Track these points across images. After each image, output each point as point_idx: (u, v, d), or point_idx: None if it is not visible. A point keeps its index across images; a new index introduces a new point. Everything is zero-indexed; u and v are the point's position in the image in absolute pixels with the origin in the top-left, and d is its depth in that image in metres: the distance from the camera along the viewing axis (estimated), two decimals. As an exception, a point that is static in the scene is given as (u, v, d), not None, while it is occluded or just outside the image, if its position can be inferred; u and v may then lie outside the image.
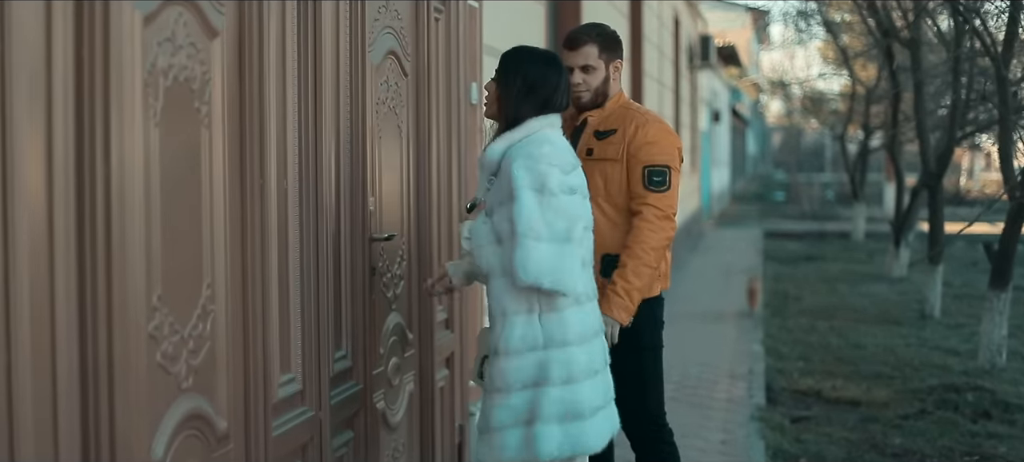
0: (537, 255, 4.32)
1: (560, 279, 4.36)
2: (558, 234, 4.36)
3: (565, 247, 4.38)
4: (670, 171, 5.28)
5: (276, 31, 4.08)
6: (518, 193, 4.35)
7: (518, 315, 4.45)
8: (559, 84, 4.66)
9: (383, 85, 5.20)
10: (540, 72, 4.63)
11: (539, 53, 4.81)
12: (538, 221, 4.32)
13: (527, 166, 4.37)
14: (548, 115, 4.62)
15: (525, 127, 4.56)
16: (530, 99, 4.59)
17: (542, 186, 4.35)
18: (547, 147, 4.45)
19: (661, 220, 5.21)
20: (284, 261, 4.18)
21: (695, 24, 26.69)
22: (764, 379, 10.46)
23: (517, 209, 4.34)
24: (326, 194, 4.52)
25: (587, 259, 4.59)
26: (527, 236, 4.32)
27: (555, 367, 4.44)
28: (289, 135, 4.22)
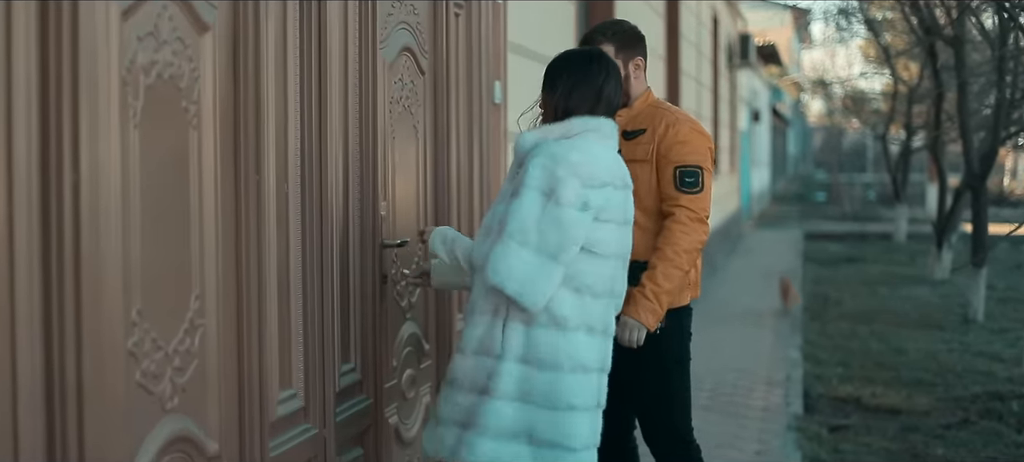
0: (515, 261, 4.03)
1: (527, 291, 4.04)
2: (546, 247, 4.05)
3: (548, 264, 4.06)
4: (702, 171, 5.02)
5: (275, 27, 3.85)
6: (523, 191, 4.07)
7: (483, 316, 4.17)
8: (606, 81, 4.35)
9: (397, 83, 4.96)
10: (584, 70, 4.34)
11: (582, 52, 4.51)
12: (532, 227, 4.04)
13: (544, 165, 4.09)
14: (597, 117, 4.30)
15: (565, 125, 4.26)
16: (575, 98, 4.30)
17: (551, 192, 4.06)
18: (577, 155, 4.12)
19: (694, 222, 4.95)
20: (284, 270, 3.94)
21: (735, 23, 26.38)
22: (802, 386, 10.17)
23: (516, 205, 4.06)
24: (332, 198, 4.29)
25: (590, 286, 4.20)
26: (512, 238, 4.04)
27: (505, 380, 4.13)
28: (291, 136, 3.98)
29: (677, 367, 5.19)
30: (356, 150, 4.52)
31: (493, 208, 4.25)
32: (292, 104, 3.99)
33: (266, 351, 3.78)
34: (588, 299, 4.19)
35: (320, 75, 4.19)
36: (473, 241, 4.32)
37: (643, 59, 5.22)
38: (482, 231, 4.24)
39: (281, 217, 3.91)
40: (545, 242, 4.04)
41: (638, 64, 5.19)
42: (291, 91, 3.98)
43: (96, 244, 2.87)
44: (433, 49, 5.42)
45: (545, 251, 4.04)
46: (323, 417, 4.19)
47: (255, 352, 3.70)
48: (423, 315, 5.27)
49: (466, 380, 4.19)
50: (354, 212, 4.50)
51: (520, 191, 4.08)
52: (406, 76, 5.06)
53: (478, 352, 4.16)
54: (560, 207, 4.05)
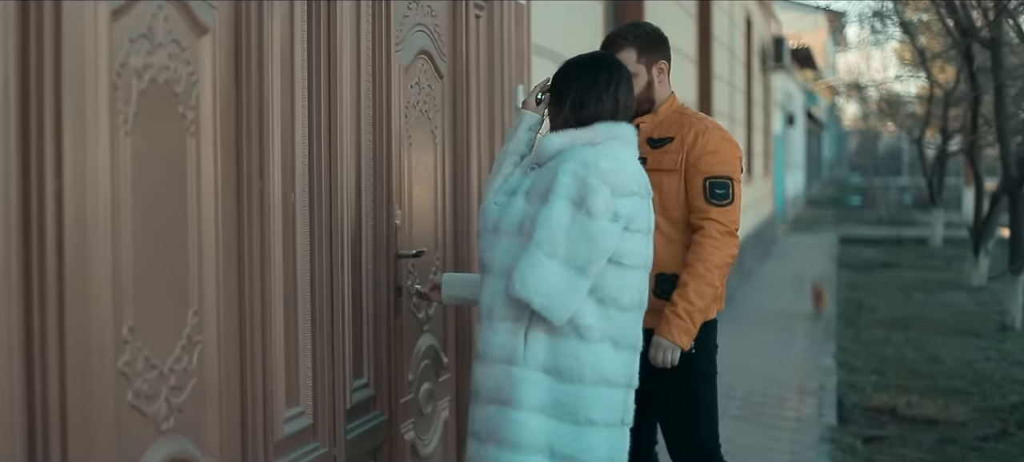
0: (543, 272, 3.84)
1: (553, 305, 3.87)
2: (575, 260, 3.87)
3: (576, 278, 3.88)
4: (733, 182, 4.84)
5: (281, 29, 3.69)
6: (553, 199, 3.89)
7: (504, 322, 3.98)
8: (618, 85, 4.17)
9: (413, 87, 4.80)
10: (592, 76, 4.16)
11: (588, 57, 4.31)
12: (560, 238, 3.86)
13: (575, 173, 3.90)
14: (619, 123, 4.14)
15: (592, 131, 4.09)
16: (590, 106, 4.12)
17: (582, 201, 3.88)
18: (607, 162, 3.95)
19: (725, 236, 4.77)
20: (291, 282, 3.78)
21: (768, 25, 26.14)
22: (835, 395, 9.95)
23: (545, 214, 3.88)
24: (344, 207, 4.12)
25: (616, 298, 4.02)
26: (541, 248, 3.85)
27: (528, 391, 3.94)
28: (298, 143, 3.82)
29: (704, 381, 5.01)
30: (369, 157, 4.36)
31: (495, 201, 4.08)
32: (299, 109, 3.83)
33: (271, 367, 3.62)
34: (614, 312, 4.01)
35: (330, 78, 4.03)
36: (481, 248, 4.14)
37: (667, 62, 5.04)
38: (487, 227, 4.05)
39: (287, 227, 3.75)
40: (574, 254, 3.86)
41: (662, 68, 5.00)
42: (298, 95, 3.82)
43: (85, 257, 2.72)
44: (452, 52, 5.25)
45: (573, 264, 3.87)
46: (333, 435, 4.02)
47: (259, 369, 3.54)
48: (441, 327, 5.10)
49: (486, 390, 4.01)
50: (367, 221, 4.34)
51: (549, 199, 3.90)
52: (423, 80, 4.90)
53: (499, 360, 3.99)
54: (591, 218, 3.87)
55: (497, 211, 4.06)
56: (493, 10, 5.69)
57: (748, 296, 16.47)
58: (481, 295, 4.08)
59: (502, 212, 4.04)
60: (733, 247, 4.78)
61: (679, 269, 4.77)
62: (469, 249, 5.31)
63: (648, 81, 4.95)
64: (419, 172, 4.85)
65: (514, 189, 4.07)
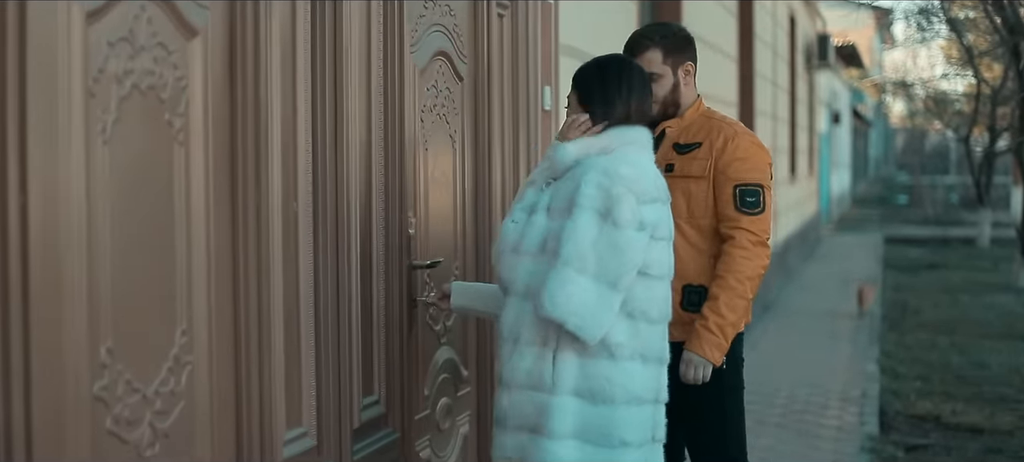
0: (573, 289, 3.64)
1: (587, 324, 3.66)
2: (606, 275, 3.67)
3: (608, 293, 3.68)
4: (763, 190, 4.63)
5: (281, 30, 3.50)
6: (578, 212, 3.69)
7: (530, 346, 3.77)
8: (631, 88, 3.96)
9: (430, 90, 4.61)
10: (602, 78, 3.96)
11: (600, 59, 4.10)
12: (589, 252, 3.66)
13: (599, 184, 3.70)
14: (632, 127, 3.93)
15: (606, 137, 3.89)
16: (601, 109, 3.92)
17: (608, 212, 3.67)
18: (628, 169, 3.75)
19: (756, 246, 4.56)
20: (292, 296, 3.59)
21: (813, 23, 25.81)
22: (878, 402, 9.69)
23: (570, 229, 3.67)
24: (352, 216, 3.93)
25: (644, 311, 3.82)
26: (569, 265, 3.65)
27: (560, 417, 3.73)
28: (300, 150, 3.63)
29: (731, 395, 4.80)
30: (380, 163, 4.17)
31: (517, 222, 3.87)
32: (302, 114, 3.64)
33: (269, 387, 3.43)
34: (643, 325, 3.81)
35: (336, 81, 3.84)
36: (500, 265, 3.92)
37: (693, 64, 4.82)
38: (507, 247, 3.85)
39: (288, 238, 3.56)
40: (604, 269, 3.66)
41: (688, 70, 4.79)
42: (301, 99, 3.63)
43: (53, 275, 2.54)
44: (472, 53, 5.06)
45: (604, 279, 3.66)
46: (338, 455, 3.83)
47: (255, 389, 3.36)
48: (461, 339, 4.90)
49: (514, 418, 3.80)
50: (378, 230, 4.15)
51: (573, 212, 3.70)
52: (441, 82, 4.71)
53: (526, 386, 3.77)
54: (618, 229, 3.67)
55: (517, 230, 3.86)
56: (517, 10, 5.49)
57: (791, 298, 16.20)
58: (503, 317, 3.85)
59: (523, 230, 3.83)
60: (764, 257, 4.57)
61: (707, 280, 4.56)
62: (489, 255, 5.10)
63: (674, 83, 4.74)
64: (436, 178, 4.66)
65: (533, 206, 3.86)
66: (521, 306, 3.77)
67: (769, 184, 4.65)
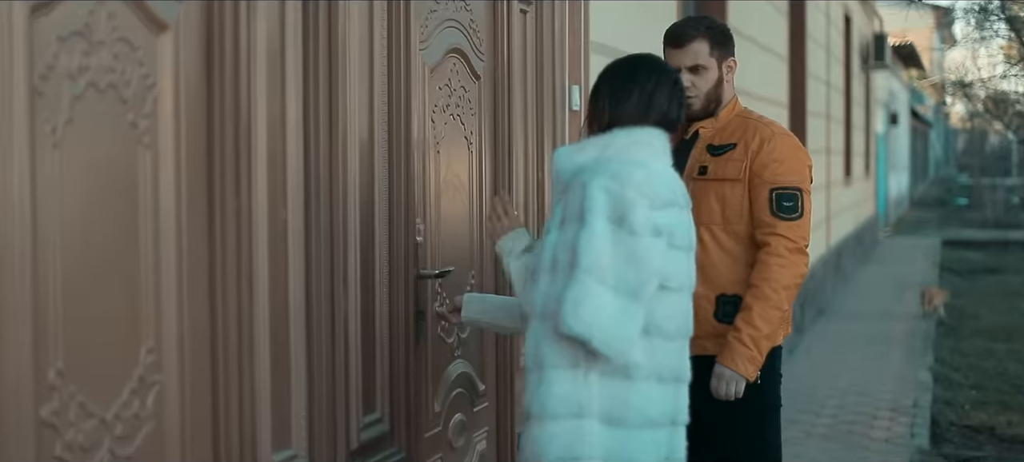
0: (597, 302, 3.34)
1: (614, 340, 3.37)
2: (626, 286, 3.37)
3: (630, 305, 3.39)
4: (802, 194, 4.35)
5: (266, 28, 3.26)
6: (589, 217, 3.39)
7: (559, 370, 3.44)
8: (656, 88, 3.66)
9: (443, 89, 4.37)
10: (626, 76, 3.69)
11: (629, 57, 3.83)
12: (607, 261, 3.36)
13: (607, 188, 3.41)
14: (643, 128, 3.62)
15: (604, 139, 3.60)
16: (615, 108, 3.65)
17: (622, 218, 3.38)
18: (640, 172, 3.46)
19: (793, 253, 4.29)
20: (280, 309, 3.35)
21: (871, 23, 25.38)
22: (930, 413, 9.36)
23: (586, 237, 3.37)
24: (350, 222, 3.70)
25: (661, 326, 3.52)
26: (589, 274, 3.35)
27: (593, 441, 3.42)
28: (290, 154, 3.39)
29: (768, 414, 4.51)
30: (384, 166, 3.94)
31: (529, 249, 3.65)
32: (292, 116, 3.40)
33: (252, 407, 3.20)
34: (659, 342, 3.51)
35: (332, 81, 3.61)
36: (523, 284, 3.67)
37: (735, 61, 4.57)
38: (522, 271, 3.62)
39: (276, 247, 3.32)
40: (624, 279, 3.37)
41: (731, 66, 4.53)
42: (291, 101, 3.40)
43: (-9, 292, 2.32)
44: (491, 50, 4.82)
45: (625, 290, 3.37)
46: (334, 478, 3.60)
47: (235, 409, 3.13)
48: (477, 352, 4.65)
49: (553, 453, 3.43)
50: (380, 238, 3.91)
51: (586, 218, 3.40)
52: (454, 80, 4.47)
53: (564, 416, 3.43)
54: (635, 236, 3.38)
55: (532, 260, 3.61)
56: (541, 7, 5.24)
57: (844, 302, 15.86)
58: (525, 347, 3.58)
59: (538, 258, 3.57)
60: (802, 266, 4.30)
61: (742, 289, 4.29)
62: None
63: (718, 78, 4.48)
64: (449, 182, 4.42)
65: (547, 228, 3.59)
66: (541, 328, 3.47)
67: (808, 188, 4.38)
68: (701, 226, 4.33)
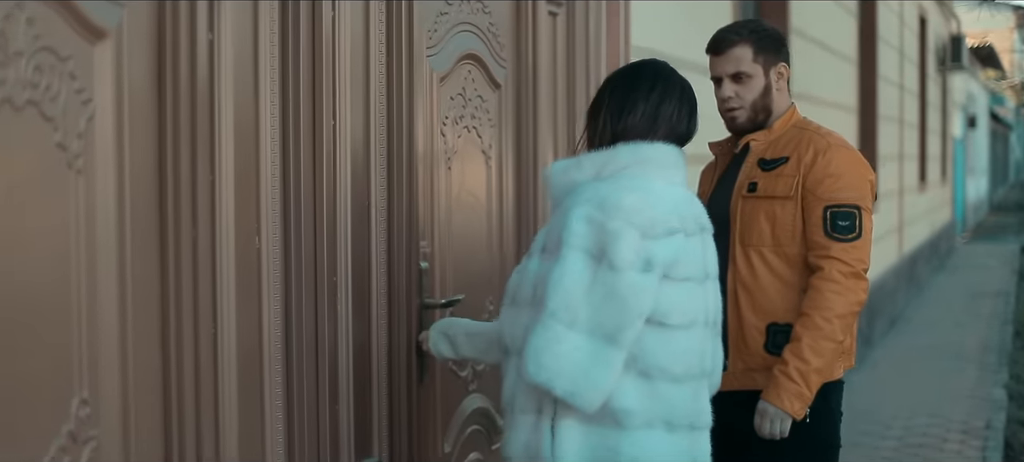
0: (562, 348, 2.98)
1: (581, 389, 3.00)
2: (602, 329, 3.01)
3: (605, 350, 3.01)
4: (860, 213, 3.94)
5: (234, 34, 2.90)
6: (564, 251, 3.03)
7: (526, 415, 3.12)
8: (664, 97, 3.28)
9: (456, 99, 4.01)
10: (629, 85, 3.31)
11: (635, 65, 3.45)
12: (580, 301, 3.00)
13: (589, 217, 3.04)
14: (652, 144, 3.23)
15: (604, 156, 3.22)
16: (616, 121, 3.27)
17: (602, 252, 3.01)
18: (632, 197, 3.07)
19: (849, 278, 3.87)
20: (252, 351, 3.00)
21: (947, 24, 24.74)
22: (1003, 435, 8.88)
23: (557, 274, 3.01)
24: (338, 250, 3.34)
25: (664, 368, 3.13)
26: (555, 317, 2.99)
27: None
28: (264, 177, 3.04)
29: (822, 455, 4.09)
30: (382, 186, 3.57)
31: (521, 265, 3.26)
32: (266, 133, 3.05)
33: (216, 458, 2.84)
34: (664, 386, 3.12)
35: (316, 93, 3.24)
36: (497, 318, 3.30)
37: (787, 67, 4.16)
38: (507, 297, 3.24)
39: (247, 280, 2.97)
40: (600, 321, 3.00)
41: (781, 72, 4.13)
42: (264, 116, 3.04)
43: None
44: (515, 57, 4.45)
45: (600, 333, 3.00)
46: (320, 533, 3.24)
47: None
48: (495, 385, 4.25)
49: None
50: (378, 265, 3.55)
51: (561, 252, 3.04)
52: (469, 89, 4.11)
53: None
54: (616, 272, 3.00)
55: (516, 279, 3.23)
56: (574, 9, 4.87)
57: (916, 312, 15.32)
58: (503, 382, 3.24)
59: (520, 278, 3.21)
60: (860, 292, 3.89)
61: (796, 318, 3.89)
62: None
63: (765, 86, 4.09)
64: (463, 200, 4.05)
65: (529, 253, 3.24)
66: (512, 365, 3.17)
67: (868, 205, 3.97)
68: (750, 248, 3.97)
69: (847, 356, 4.06)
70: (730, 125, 4.15)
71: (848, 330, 3.90)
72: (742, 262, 4.01)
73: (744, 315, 3.98)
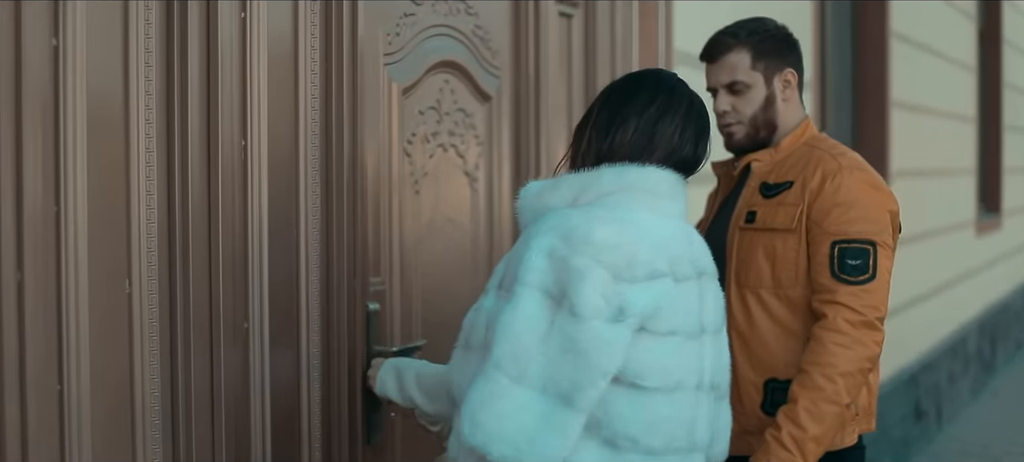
0: (504, 407, 2.45)
1: (523, 456, 2.45)
2: (557, 386, 2.47)
3: (558, 413, 2.47)
4: (875, 249, 3.25)
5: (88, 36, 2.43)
6: (518, 289, 2.51)
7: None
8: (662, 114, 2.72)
9: (427, 113, 3.50)
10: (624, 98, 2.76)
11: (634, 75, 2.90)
12: (531, 351, 2.47)
13: (551, 251, 2.51)
14: (643, 167, 2.68)
15: (584, 179, 2.69)
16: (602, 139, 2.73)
17: (563, 294, 2.48)
18: (605, 230, 2.53)
19: (858, 329, 3.19)
20: (117, 405, 2.51)
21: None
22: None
23: (507, 317, 2.49)
24: (251, 293, 2.84)
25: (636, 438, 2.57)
26: (501, 369, 2.47)
27: None
28: (136, 207, 2.56)
29: None
30: (316, 215, 3.06)
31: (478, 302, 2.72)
32: (138, 158, 2.56)
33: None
34: (636, 458, 2.57)
35: (210, 109, 2.74)
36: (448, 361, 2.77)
37: (796, 74, 3.53)
38: (460, 340, 2.71)
39: (112, 336, 2.49)
40: (554, 377, 2.47)
41: (788, 80, 3.49)
42: (135, 138, 2.56)
43: None
44: (513, 64, 3.92)
45: (554, 391, 2.47)
46: None
47: None
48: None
49: None
50: (308, 307, 3.03)
51: (514, 289, 2.52)
52: (446, 102, 3.59)
53: None
54: (577, 320, 2.46)
55: (471, 317, 2.69)
56: (595, 9, 4.31)
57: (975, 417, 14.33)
58: (450, 435, 2.71)
59: (475, 317, 2.67)
60: (871, 345, 3.21)
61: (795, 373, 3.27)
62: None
63: (767, 97, 3.47)
64: (436, 227, 3.54)
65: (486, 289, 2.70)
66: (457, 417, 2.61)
67: (887, 240, 3.29)
68: (746, 289, 3.35)
69: (864, 418, 3.40)
70: (728, 143, 3.54)
71: (856, 390, 3.21)
72: (738, 306, 3.39)
73: (739, 369, 3.35)
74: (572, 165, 2.77)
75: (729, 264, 3.40)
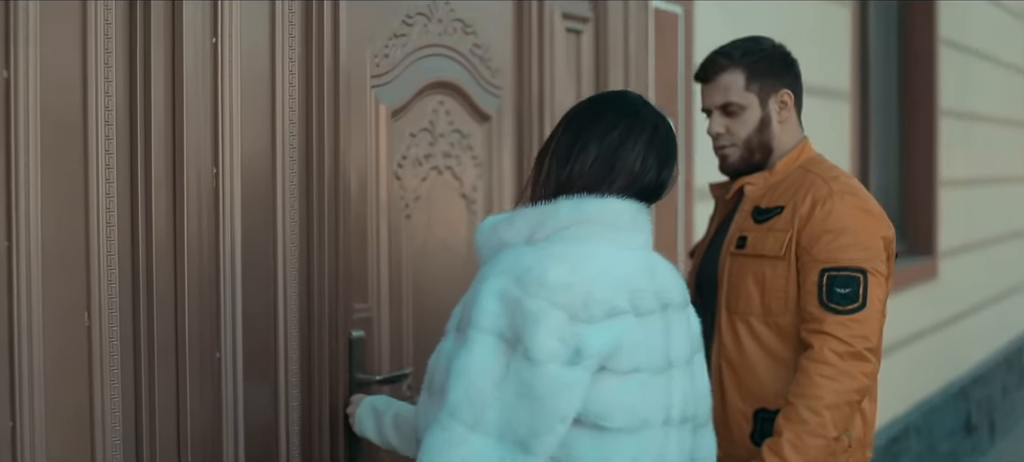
0: (459, 455, 2.37)
1: None
2: (513, 432, 2.38)
3: (515, 458, 2.38)
4: (866, 278, 3.16)
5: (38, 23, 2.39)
6: (471, 334, 2.42)
7: None
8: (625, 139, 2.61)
9: (419, 135, 3.43)
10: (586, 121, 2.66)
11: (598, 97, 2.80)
12: (486, 396, 2.38)
13: (503, 293, 2.42)
14: (602, 198, 2.57)
15: (541, 213, 2.57)
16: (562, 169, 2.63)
17: (517, 338, 2.39)
18: (561, 269, 2.44)
19: (846, 360, 3.10)
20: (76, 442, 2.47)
21: None
22: None
23: (461, 363, 2.41)
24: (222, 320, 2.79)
25: None
26: (455, 417, 2.38)
27: None
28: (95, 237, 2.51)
29: None
30: (294, 242, 3.00)
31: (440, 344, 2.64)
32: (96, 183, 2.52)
33: None
34: None
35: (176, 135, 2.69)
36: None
37: (792, 94, 3.44)
38: (425, 382, 2.63)
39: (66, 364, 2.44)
40: (511, 423, 2.39)
41: (784, 101, 3.42)
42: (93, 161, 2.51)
43: None
44: (516, 82, 3.85)
45: (511, 438, 2.39)
46: None
47: None
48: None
49: None
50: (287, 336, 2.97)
51: (467, 334, 2.44)
52: (441, 124, 3.52)
53: None
54: (533, 364, 2.37)
55: (433, 360, 2.60)
56: (607, 22, 4.22)
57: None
58: None
59: (437, 360, 2.58)
60: (859, 377, 3.11)
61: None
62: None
63: (762, 119, 3.40)
64: (429, 252, 3.47)
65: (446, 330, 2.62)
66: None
67: (878, 268, 3.20)
68: (736, 317, 3.27)
69: (858, 449, 3.29)
70: (722, 166, 3.47)
71: (843, 422, 3.11)
72: (727, 333, 3.31)
73: (728, 397, 3.27)
74: (532, 195, 2.69)
75: (720, 290, 3.33)
